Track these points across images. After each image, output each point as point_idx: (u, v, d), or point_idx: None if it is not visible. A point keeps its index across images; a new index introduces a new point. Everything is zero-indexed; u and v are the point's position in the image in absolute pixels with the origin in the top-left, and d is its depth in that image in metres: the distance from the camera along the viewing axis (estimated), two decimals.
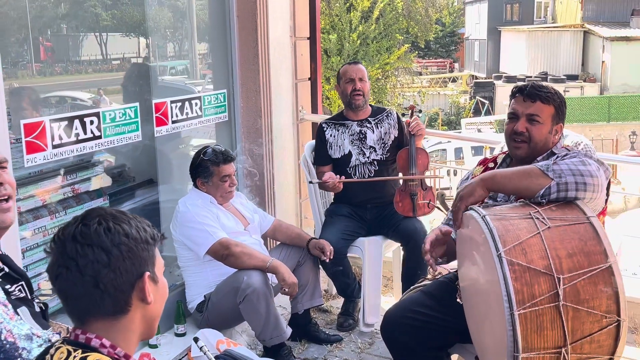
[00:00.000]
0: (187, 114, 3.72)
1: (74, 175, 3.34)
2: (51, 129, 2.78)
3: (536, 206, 2.12)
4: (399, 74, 22.19)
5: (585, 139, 3.62)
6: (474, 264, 2.25)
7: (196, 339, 2.43)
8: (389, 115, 4.03)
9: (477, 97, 30.59)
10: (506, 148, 2.80)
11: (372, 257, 3.84)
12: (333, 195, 4.12)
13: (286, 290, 3.21)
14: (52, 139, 2.79)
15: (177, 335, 3.36)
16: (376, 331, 3.82)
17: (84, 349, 1.34)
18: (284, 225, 3.74)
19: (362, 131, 3.95)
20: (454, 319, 2.54)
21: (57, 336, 1.77)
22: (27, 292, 1.81)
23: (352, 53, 18.57)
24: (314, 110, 4.77)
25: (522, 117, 2.48)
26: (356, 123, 3.97)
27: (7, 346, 1.60)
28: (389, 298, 4.29)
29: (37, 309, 1.83)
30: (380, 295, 3.94)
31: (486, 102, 29.52)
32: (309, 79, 4.69)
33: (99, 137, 3.07)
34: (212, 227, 3.25)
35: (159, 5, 3.93)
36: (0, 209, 1.80)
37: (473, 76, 35.95)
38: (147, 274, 1.40)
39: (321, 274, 3.79)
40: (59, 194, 3.28)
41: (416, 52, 26.83)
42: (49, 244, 1.40)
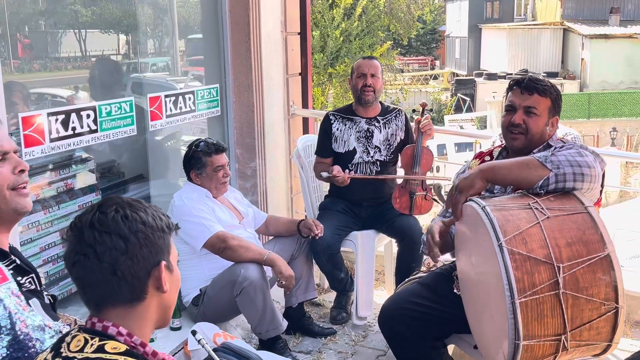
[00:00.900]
0: (180, 108, 3.72)
1: (66, 170, 3.33)
2: (49, 122, 2.78)
3: (535, 197, 2.16)
4: (382, 72, 22.23)
5: (573, 131, 3.68)
6: (474, 254, 2.29)
7: (194, 332, 2.43)
8: (397, 115, 4.00)
9: (458, 95, 30.75)
10: (498, 143, 2.85)
11: (365, 251, 3.87)
12: (328, 189, 4.13)
13: (283, 282, 3.23)
14: (50, 133, 2.79)
15: (173, 329, 3.36)
16: (369, 324, 3.85)
17: (101, 337, 1.34)
18: (274, 217, 3.77)
19: (370, 129, 3.92)
20: (451, 310, 2.58)
21: (68, 327, 1.77)
22: (37, 284, 1.81)
23: (334, 50, 18.58)
24: (305, 106, 4.78)
25: (519, 109, 2.51)
26: (365, 120, 3.93)
27: (22, 337, 1.60)
28: (380, 292, 4.33)
29: (47, 301, 1.83)
30: (372, 289, 3.97)
31: (467, 99, 29.69)
32: (300, 74, 4.70)
33: (95, 131, 3.07)
34: (208, 220, 3.25)
35: (139, 2, 3.90)
36: (22, 195, 1.80)
37: (454, 73, 36.14)
38: (164, 262, 1.41)
39: (314, 267, 3.82)
40: (52, 188, 3.27)
41: (398, 49, 26.92)
42: (65, 231, 1.40)
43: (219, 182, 3.39)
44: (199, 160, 3.37)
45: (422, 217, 4.11)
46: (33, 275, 1.80)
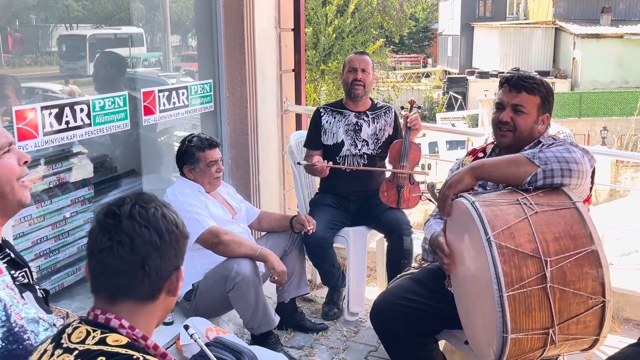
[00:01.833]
0: (174, 103, 3.73)
1: (59, 164, 3.34)
2: (42, 116, 2.78)
3: (524, 192, 2.19)
4: (373, 68, 22.22)
5: (566, 129, 3.71)
6: (463, 249, 2.31)
7: (186, 327, 2.45)
8: (387, 112, 4.05)
9: (450, 93, 30.80)
10: (491, 140, 2.87)
11: (357, 247, 3.89)
12: (318, 185, 4.16)
13: (275, 278, 3.25)
14: (43, 127, 2.79)
15: (165, 323, 3.36)
16: (361, 320, 3.88)
17: (103, 329, 1.36)
18: (267, 213, 3.79)
19: (359, 123, 3.97)
20: (443, 306, 2.60)
21: (62, 320, 1.78)
22: (30, 278, 1.82)
23: (327, 47, 18.57)
24: (298, 102, 4.79)
25: (507, 107, 2.54)
26: (354, 114, 3.99)
27: (17, 329, 1.62)
28: (372, 288, 4.35)
29: (39, 294, 1.84)
30: (364, 285, 3.99)
31: (459, 97, 29.76)
32: (293, 70, 4.71)
33: (89, 125, 3.07)
34: (201, 215, 3.26)
35: None
36: (25, 186, 1.80)
37: (446, 72, 36.17)
38: (182, 268, 1.46)
39: (306, 263, 3.84)
40: (45, 182, 3.27)
41: (390, 47, 26.93)
42: (97, 215, 1.42)
43: (212, 177, 3.40)
44: (192, 155, 3.38)
45: (412, 211, 4.13)
46: (26, 269, 1.81)
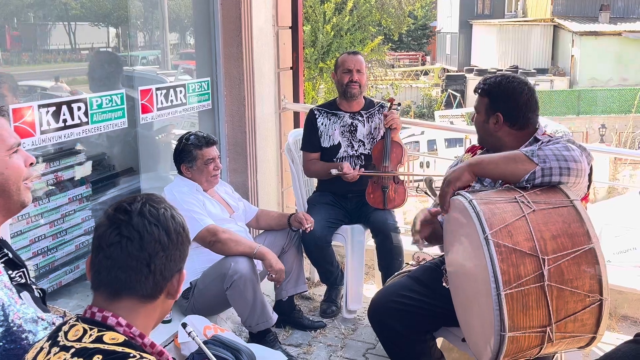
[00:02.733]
0: (171, 101, 3.72)
1: (57, 163, 3.33)
2: (39, 114, 2.77)
3: (521, 190, 2.19)
4: (372, 66, 22.22)
5: (563, 127, 3.71)
6: (461, 247, 2.31)
7: (184, 325, 2.44)
8: (380, 109, 4.04)
9: (448, 90, 30.77)
10: None
11: (355, 245, 3.89)
12: (316, 184, 4.17)
13: (273, 276, 3.25)
14: (41, 125, 2.79)
15: (163, 321, 3.34)
16: (359, 317, 3.88)
17: (99, 327, 1.36)
18: (265, 212, 3.79)
19: (354, 124, 3.97)
20: (440, 303, 2.61)
21: (60, 319, 1.78)
22: (27, 278, 1.82)
23: (325, 44, 18.54)
24: (296, 100, 4.79)
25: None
26: (348, 115, 3.99)
27: (15, 328, 1.61)
28: (370, 285, 4.36)
29: (37, 294, 1.84)
30: (362, 283, 4.00)
31: (458, 95, 29.74)
32: (291, 68, 4.71)
33: (86, 124, 3.07)
34: (199, 214, 3.26)
35: None
36: (28, 188, 1.82)
37: (445, 69, 36.15)
38: (184, 271, 1.48)
39: (304, 261, 3.84)
40: (42, 181, 3.26)
41: (389, 44, 26.89)
42: (107, 209, 1.44)
43: (209, 175, 3.40)
44: (189, 153, 3.38)
45: (408, 209, 4.13)
46: (24, 269, 1.81)
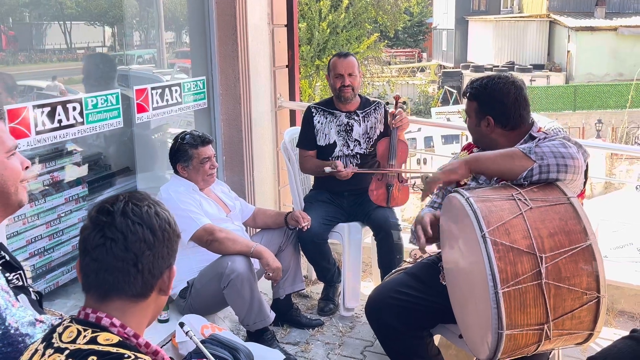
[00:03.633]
0: (167, 100, 3.71)
1: (53, 163, 3.32)
2: (34, 115, 2.76)
3: (518, 188, 2.19)
4: (368, 63, 22.21)
5: (557, 124, 3.71)
6: (458, 245, 2.31)
7: (182, 324, 2.44)
8: (376, 108, 4.03)
9: (445, 87, 30.78)
10: None
11: (352, 243, 3.89)
12: (313, 182, 4.16)
13: (270, 274, 3.25)
14: (36, 125, 2.78)
15: (160, 321, 3.36)
16: (356, 315, 3.88)
17: (94, 328, 1.35)
18: (262, 210, 3.79)
19: (350, 123, 3.96)
20: (438, 300, 2.61)
21: (59, 321, 1.77)
22: (24, 280, 1.81)
23: (321, 42, 18.52)
24: (292, 98, 4.78)
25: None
26: (344, 114, 3.98)
27: (12, 331, 1.61)
28: (367, 283, 4.35)
29: (33, 296, 1.84)
30: (360, 280, 3.99)
31: (454, 91, 29.75)
32: (287, 66, 4.70)
33: (82, 124, 3.06)
34: (195, 213, 3.25)
35: None
36: (24, 187, 1.83)
37: (441, 66, 36.17)
38: (174, 267, 1.46)
39: (302, 259, 3.84)
40: (38, 181, 3.25)
41: (385, 41, 26.89)
42: (90, 211, 1.42)
43: (205, 174, 3.40)
44: (185, 152, 3.37)
45: (407, 206, 4.14)
46: (20, 271, 1.81)
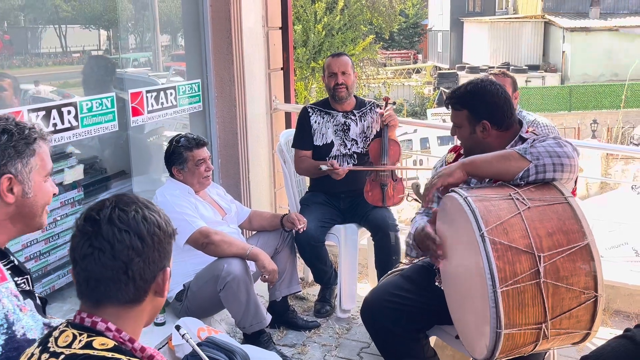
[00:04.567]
0: (162, 103, 3.70)
1: None
2: (29, 119, 2.75)
3: (516, 187, 2.19)
4: (364, 65, 22.24)
5: (543, 118, 3.71)
6: (455, 245, 2.30)
7: (178, 327, 2.42)
8: (372, 108, 4.04)
9: (440, 88, 30.81)
10: None
11: (348, 244, 3.88)
12: (308, 184, 4.16)
13: (266, 277, 3.24)
14: None
15: (156, 324, 3.35)
16: (353, 317, 3.87)
17: (89, 332, 1.34)
18: (257, 212, 3.78)
19: (347, 123, 3.97)
20: (433, 302, 2.60)
21: None
22: (31, 285, 1.81)
23: (317, 44, 18.54)
24: (287, 100, 4.78)
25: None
26: (341, 114, 3.99)
27: (18, 336, 1.60)
28: (364, 284, 4.35)
29: (38, 302, 1.83)
30: (356, 282, 3.99)
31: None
32: (282, 68, 4.69)
33: (76, 127, 3.05)
34: (191, 216, 3.24)
35: None
36: (46, 212, 1.85)
37: (436, 67, 36.23)
38: (168, 269, 1.44)
39: (298, 261, 3.83)
40: None
41: (380, 43, 26.92)
42: (77, 221, 1.40)
43: (201, 176, 3.39)
44: (180, 155, 3.37)
45: (404, 208, 4.13)
46: (27, 276, 1.80)
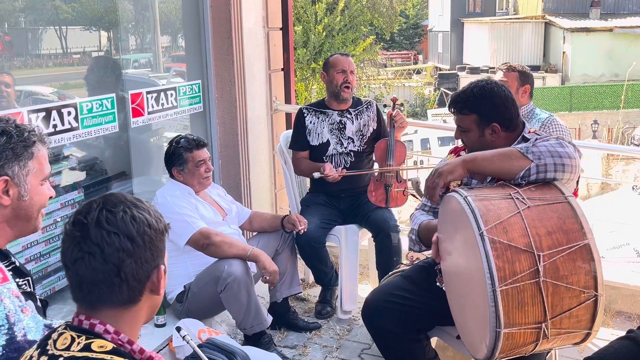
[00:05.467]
0: (162, 104, 3.70)
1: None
2: (29, 120, 2.76)
3: (516, 187, 2.19)
4: (364, 66, 22.24)
5: (557, 117, 3.70)
6: (456, 244, 2.30)
7: (179, 329, 2.42)
8: (369, 107, 4.05)
9: (441, 89, 30.81)
10: None
11: (349, 245, 3.88)
12: (309, 185, 4.16)
13: (267, 278, 3.24)
14: None
15: (157, 326, 3.36)
16: (354, 318, 3.87)
17: (87, 335, 1.33)
18: (258, 213, 3.78)
19: (342, 121, 3.97)
20: (434, 302, 2.60)
21: None
22: (32, 287, 1.81)
23: (317, 45, 18.54)
24: (288, 101, 4.78)
25: (456, 126, 2.58)
26: (337, 113, 3.99)
27: (19, 337, 1.60)
28: (365, 286, 4.34)
29: (39, 304, 1.83)
30: (357, 283, 3.99)
31: (450, 93, 29.78)
32: (282, 69, 4.69)
33: (77, 129, 3.05)
34: (191, 217, 3.24)
35: None
36: (42, 215, 1.85)
37: (437, 68, 36.21)
38: (162, 266, 1.42)
39: (299, 262, 3.83)
40: None
41: (381, 44, 26.92)
42: (65, 225, 1.38)
43: (201, 177, 3.39)
44: (180, 156, 3.37)
45: (404, 208, 4.13)
46: (29, 278, 1.80)
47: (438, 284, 2.63)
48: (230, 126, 4.14)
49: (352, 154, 3.96)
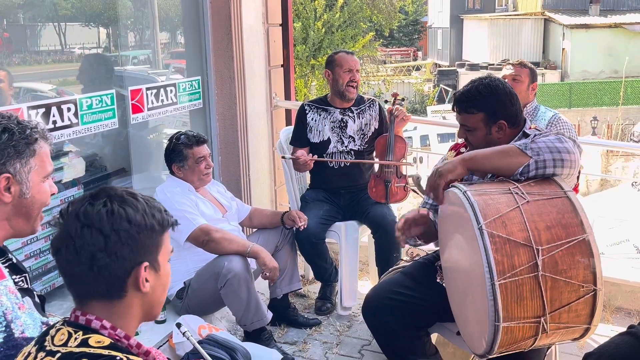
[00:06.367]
0: (162, 101, 3.71)
1: None
2: (29, 116, 2.76)
3: (515, 182, 2.19)
4: (363, 62, 22.23)
5: (563, 116, 3.70)
6: (456, 240, 2.31)
7: (179, 325, 2.43)
8: (371, 105, 4.04)
9: (440, 85, 30.80)
10: None
11: (349, 242, 3.89)
12: (309, 181, 4.16)
13: (267, 274, 3.24)
14: None
15: (157, 322, 3.35)
16: (354, 314, 3.88)
17: (84, 330, 1.33)
18: (258, 210, 3.78)
19: (344, 119, 3.97)
20: (434, 299, 2.60)
21: None
22: (29, 283, 1.81)
23: (317, 41, 18.53)
24: (287, 97, 4.78)
25: (460, 125, 2.56)
26: (339, 111, 3.98)
27: (16, 334, 1.60)
28: (365, 282, 4.35)
29: (37, 299, 1.83)
30: (357, 279, 3.99)
31: (450, 90, 29.77)
32: (282, 65, 4.69)
33: (76, 125, 3.05)
34: (191, 213, 3.25)
35: None
36: (41, 217, 1.84)
37: (436, 64, 36.19)
38: (145, 264, 1.38)
39: (298, 259, 3.84)
40: None
41: (380, 40, 26.92)
42: (55, 215, 1.38)
43: (201, 173, 3.39)
44: (180, 153, 3.37)
45: (403, 204, 4.14)
46: (26, 274, 1.80)
47: (438, 280, 2.64)
48: (230, 122, 4.14)
49: (352, 152, 3.95)
